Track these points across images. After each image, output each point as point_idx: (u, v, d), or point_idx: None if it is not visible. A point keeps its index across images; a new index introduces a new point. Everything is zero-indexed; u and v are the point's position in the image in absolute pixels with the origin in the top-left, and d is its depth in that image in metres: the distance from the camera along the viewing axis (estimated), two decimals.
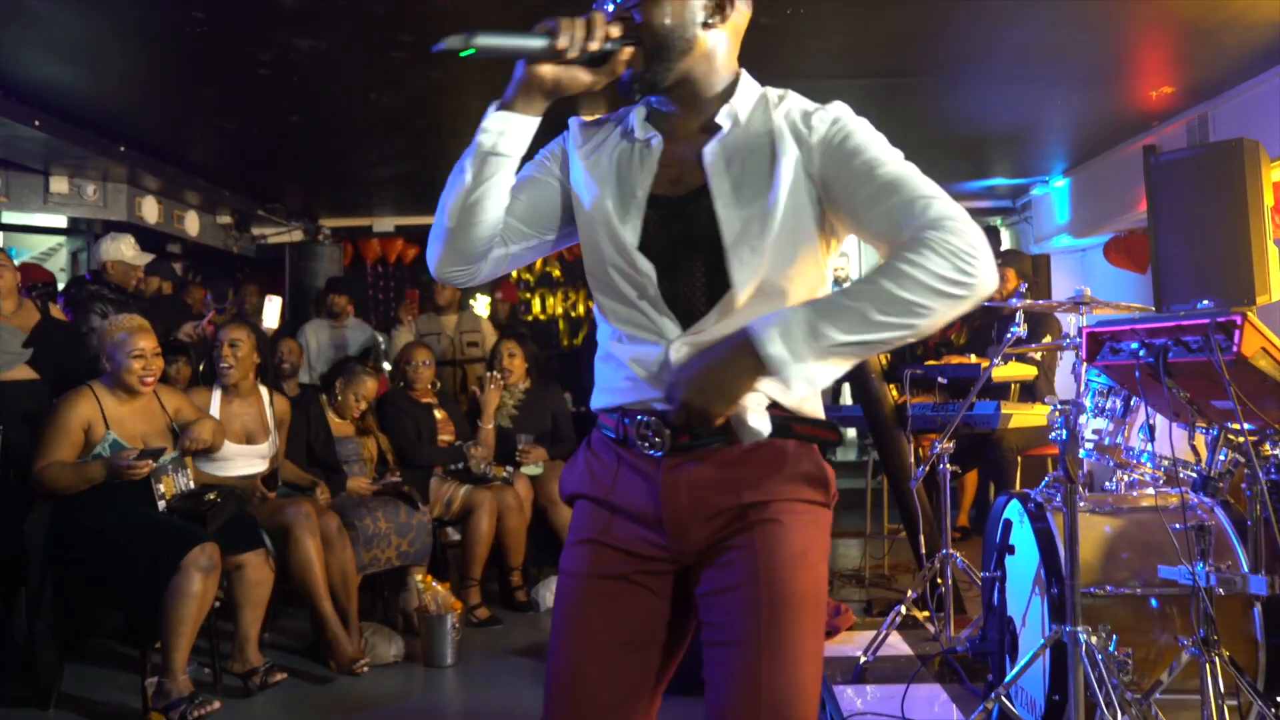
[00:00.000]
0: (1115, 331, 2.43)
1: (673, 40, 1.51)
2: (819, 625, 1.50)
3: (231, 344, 4.38)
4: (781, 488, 1.51)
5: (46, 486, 3.71)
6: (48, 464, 3.70)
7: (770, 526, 1.50)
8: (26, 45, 4.18)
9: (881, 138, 1.52)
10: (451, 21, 3.90)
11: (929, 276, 1.34)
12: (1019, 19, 4.02)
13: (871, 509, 5.68)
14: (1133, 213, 6.05)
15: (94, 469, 3.71)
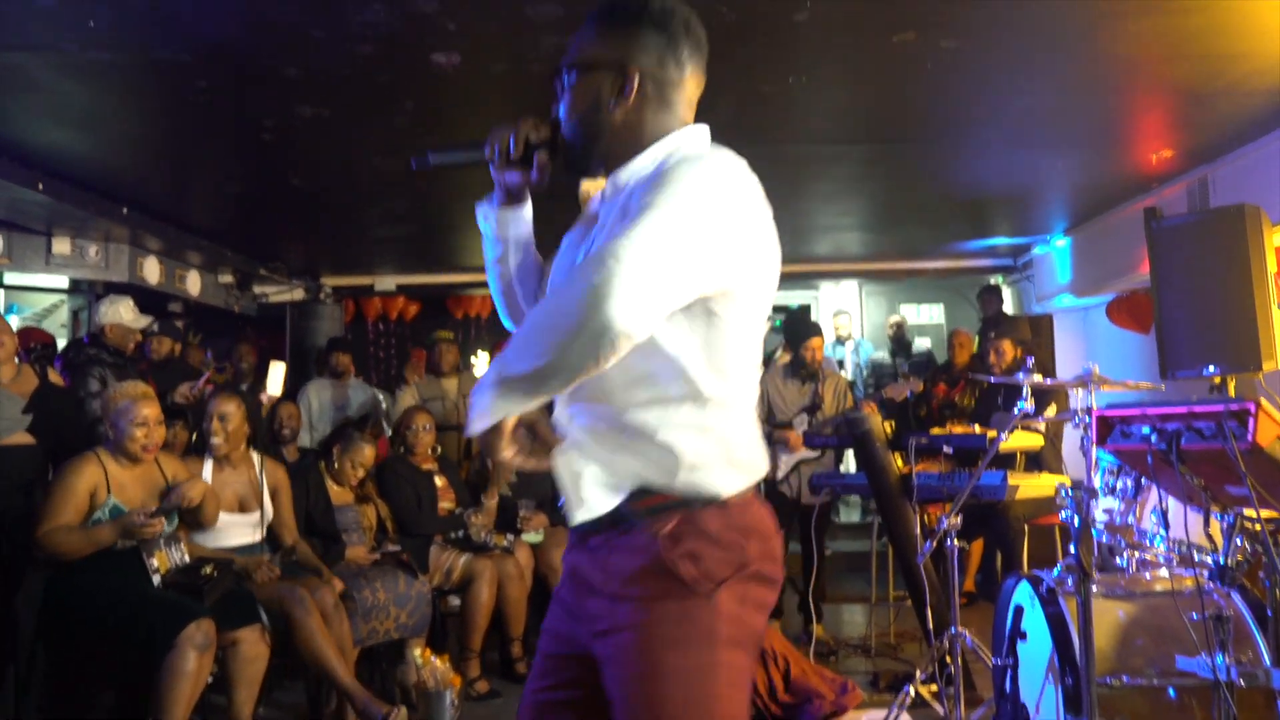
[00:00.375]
0: (1126, 415, 2.38)
1: (585, 129, 1.62)
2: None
3: (220, 417, 4.32)
4: (629, 586, 1.46)
5: (51, 551, 3.65)
6: (53, 528, 3.65)
7: (622, 636, 1.45)
8: (31, 112, 4.19)
9: (693, 201, 1.43)
10: (451, 89, 3.92)
11: (562, 302, 1.35)
12: (1019, 86, 4.02)
13: (877, 574, 5.59)
14: (1135, 273, 6.04)
15: (103, 531, 3.68)
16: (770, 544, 1.55)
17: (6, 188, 4.89)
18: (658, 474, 1.48)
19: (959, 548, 3.50)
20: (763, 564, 1.52)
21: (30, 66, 3.67)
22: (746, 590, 1.50)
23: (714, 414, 1.51)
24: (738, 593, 1.48)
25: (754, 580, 1.51)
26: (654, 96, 1.61)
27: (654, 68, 1.60)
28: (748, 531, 1.51)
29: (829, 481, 4.91)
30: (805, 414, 5.78)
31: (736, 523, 1.51)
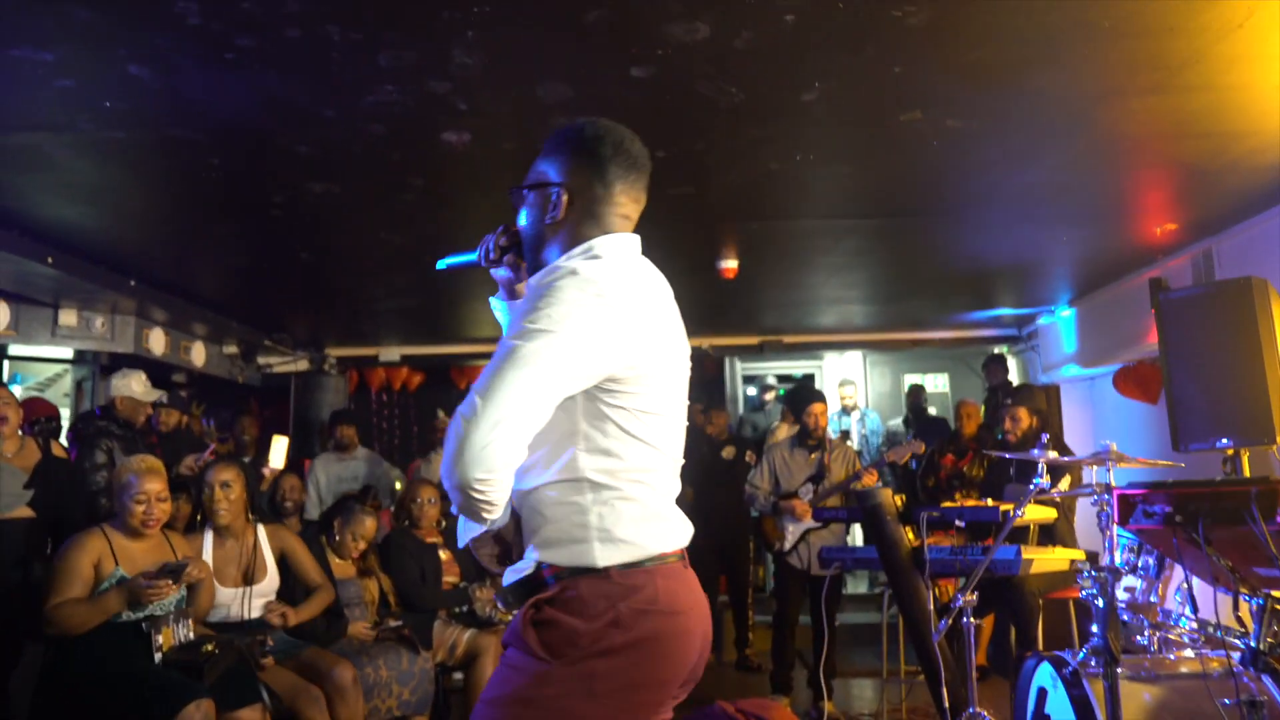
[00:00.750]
0: (1147, 494, 2.35)
1: (529, 239, 1.90)
2: None
3: (223, 485, 4.29)
4: (513, 637, 1.69)
5: (61, 626, 3.59)
6: (61, 602, 3.59)
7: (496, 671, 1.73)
8: (43, 188, 4.23)
9: (546, 312, 1.63)
10: (460, 167, 3.96)
11: (443, 465, 1.60)
12: (1024, 163, 4.06)
13: (887, 648, 5.49)
14: (1141, 344, 6.04)
15: (110, 599, 3.63)
16: (658, 615, 1.66)
17: (16, 261, 4.91)
18: (545, 548, 1.71)
19: (975, 625, 3.44)
20: (630, 634, 1.63)
21: (46, 145, 3.71)
22: (593, 667, 1.62)
23: (593, 495, 1.69)
24: (578, 670, 1.62)
25: (611, 655, 1.62)
26: (581, 211, 1.83)
27: (581, 187, 1.84)
28: (619, 600, 1.64)
29: (838, 556, 4.84)
30: (810, 483, 5.73)
31: (609, 592, 1.65)
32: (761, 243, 5.23)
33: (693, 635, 1.71)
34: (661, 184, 4.18)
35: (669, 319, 1.84)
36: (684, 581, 1.74)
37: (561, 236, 1.84)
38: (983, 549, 4.14)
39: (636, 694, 1.65)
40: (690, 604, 1.72)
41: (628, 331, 1.68)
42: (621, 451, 1.70)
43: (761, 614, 7.69)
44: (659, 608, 1.66)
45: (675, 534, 1.77)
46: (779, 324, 7.93)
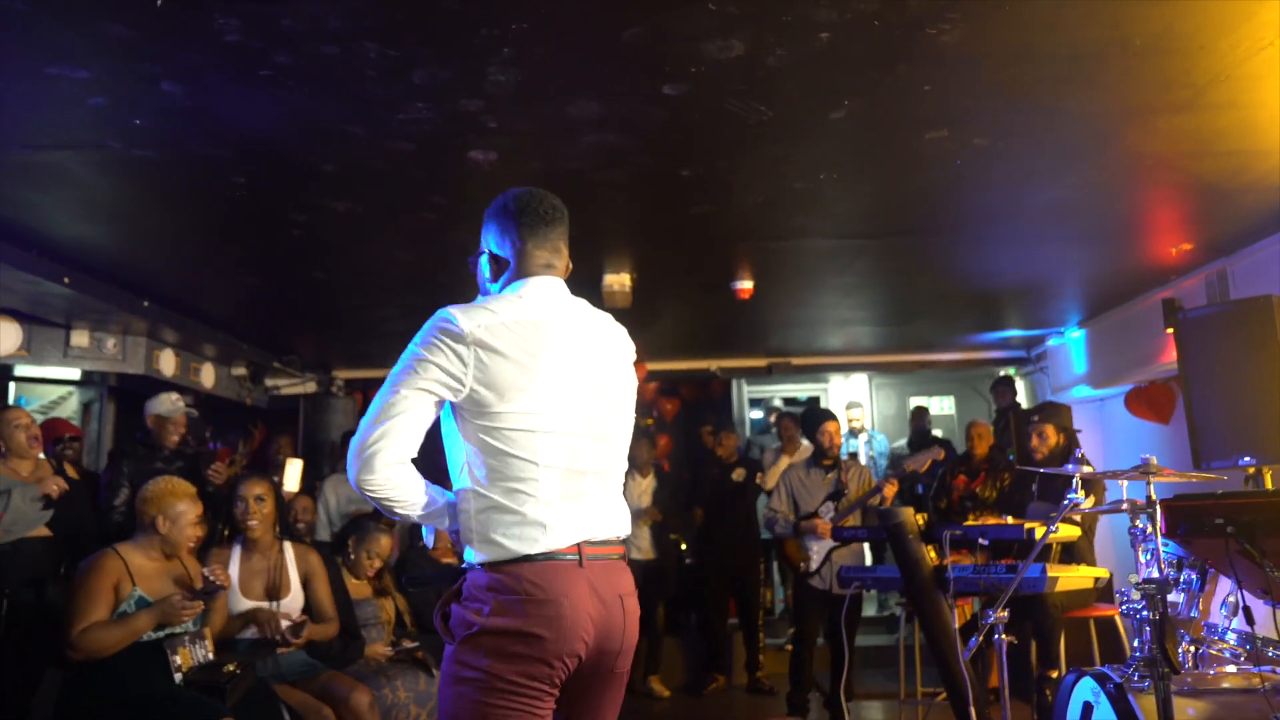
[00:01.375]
0: (1197, 506, 2.35)
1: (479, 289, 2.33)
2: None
3: (257, 498, 4.31)
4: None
5: (88, 650, 3.54)
6: (87, 627, 3.56)
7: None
8: (62, 208, 4.22)
9: (409, 352, 2.08)
10: (483, 185, 3.95)
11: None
12: (1046, 182, 4.08)
13: (905, 669, 5.46)
14: (1153, 364, 6.05)
15: (140, 620, 3.61)
16: (528, 603, 1.99)
17: (32, 281, 4.90)
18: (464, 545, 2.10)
19: (1007, 642, 3.43)
20: (502, 619, 1.98)
21: (71, 163, 3.71)
22: (479, 643, 1.99)
23: (475, 502, 2.05)
24: (469, 647, 2.00)
25: (489, 634, 1.98)
26: (498, 267, 2.26)
27: (501, 248, 2.27)
28: (496, 592, 2.00)
29: (859, 575, 4.82)
30: (830, 502, 5.72)
31: (486, 583, 2.01)
32: (777, 263, 5.24)
33: (565, 618, 1.99)
34: (683, 203, 4.24)
35: (571, 349, 2.13)
36: (560, 574, 2.02)
37: (490, 289, 2.28)
38: (1006, 567, 4.13)
39: (516, 663, 1.97)
40: (562, 592, 2.00)
41: (480, 362, 2.02)
42: (496, 465, 2.03)
43: (770, 637, 7.66)
44: (527, 597, 1.98)
45: (557, 536, 2.03)
46: (787, 346, 7.94)
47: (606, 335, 2.26)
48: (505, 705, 1.97)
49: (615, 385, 2.23)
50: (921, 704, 5.58)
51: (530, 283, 2.18)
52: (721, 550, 7.08)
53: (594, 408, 2.15)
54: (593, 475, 2.14)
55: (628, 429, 2.27)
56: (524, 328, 2.07)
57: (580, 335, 2.17)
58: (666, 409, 9.09)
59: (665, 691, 7.00)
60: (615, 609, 2.09)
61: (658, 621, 7.12)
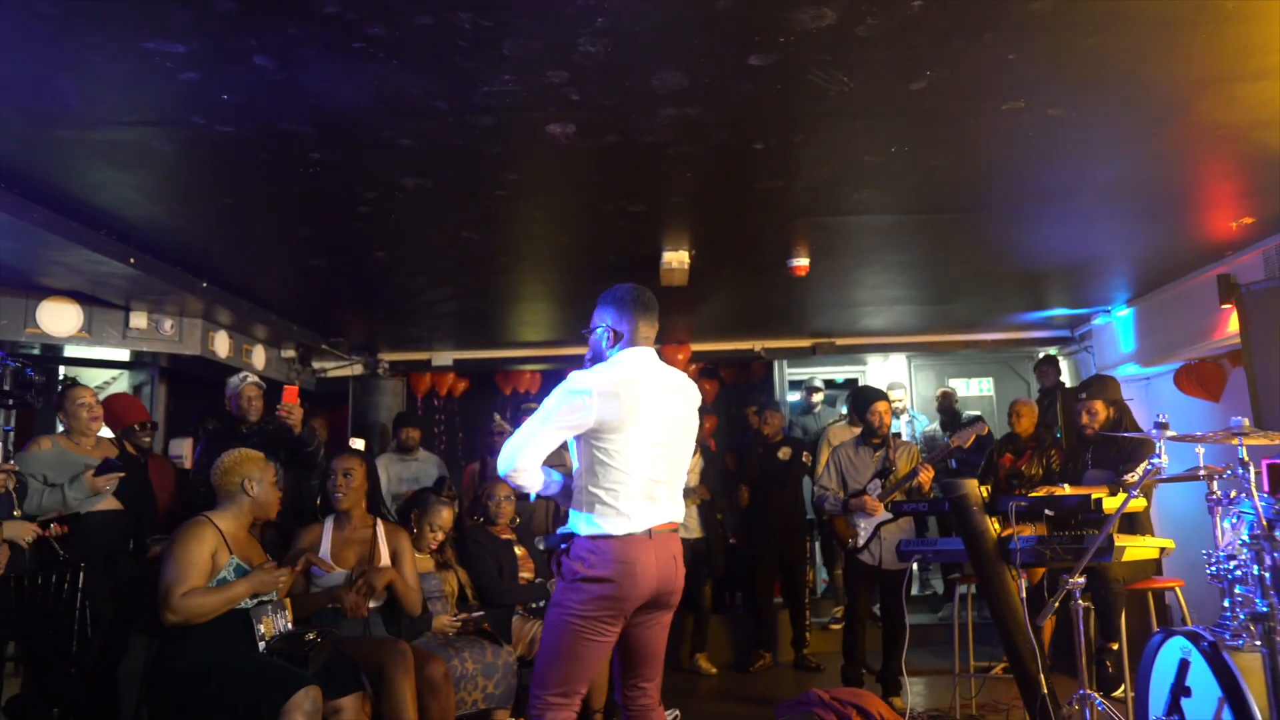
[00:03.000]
0: None
1: (596, 355, 3.27)
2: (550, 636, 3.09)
3: (345, 473, 4.43)
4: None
5: (187, 614, 3.64)
6: (189, 590, 3.64)
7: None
8: (137, 185, 4.28)
9: (552, 398, 3.09)
10: (557, 160, 4.01)
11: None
12: (1116, 154, 4.10)
13: (959, 644, 5.50)
14: (1205, 341, 6.06)
15: (238, 587, 3.73)
16: (614, 564, 3.00)
17: (98, 261, 4.98)
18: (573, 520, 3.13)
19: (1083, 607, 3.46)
20: (596, 570, 3.00)
21: (153, 140, 3.77)
22: (578, 586, 3.01)
23: (587, 495, 3.08)
24: (579, 587, 3.01)
25: (586, 580, 3.00)
26: (616, 338, 3.20)
27: (614, 324, 3.20)
28: (593, 554, 3.01)
29: (919, 549, 4.86)
30: (878, 479, 5.76)
31: (589, 549, 3.03)
32: (835, 240, 5.27)
33: (636, 574, 3.01)
34: (751, 178, 4.28)
35: (659, 394, 3.13)
36: (635, 546, 3.03)
37: (604, 354, 3.22)
38: (1071, 538, 4.16)
39: (600, 601, 2.99)
40: (635, 559, 3.02)
41: (603, 406, 3.01)
42: (603, 473, 3.05)
43: (814, 616, 7.70)
44: (613, 559, 3.00)
45: (635, 523, 3.04)
46: (831, 326, 7.97)
47: (682, 387, 3.27)
48: (587, 626, 3.00)
49: (684, 421, 3.24)
50: (975, 677, 5.64)
51: (638, 350, 3.18)
52: (768, 528, 7.13)
53: (669, 437, 3.14)
54: (664, 483, 3.14)
55: (689, 451, 3.28)
56: (634, 383, 3.06)
57: (666, 388, 3.17)
58: (707, 390, 9.13)
59: (712, 669, 7.06)
60: (669, 565, 3.13)
61: (705, 600, 7.18)
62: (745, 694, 6.55)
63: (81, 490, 4.50)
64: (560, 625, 3.03)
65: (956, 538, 4.63)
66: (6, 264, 5.04)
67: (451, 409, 9.48)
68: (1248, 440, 2.66)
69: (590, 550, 3.01)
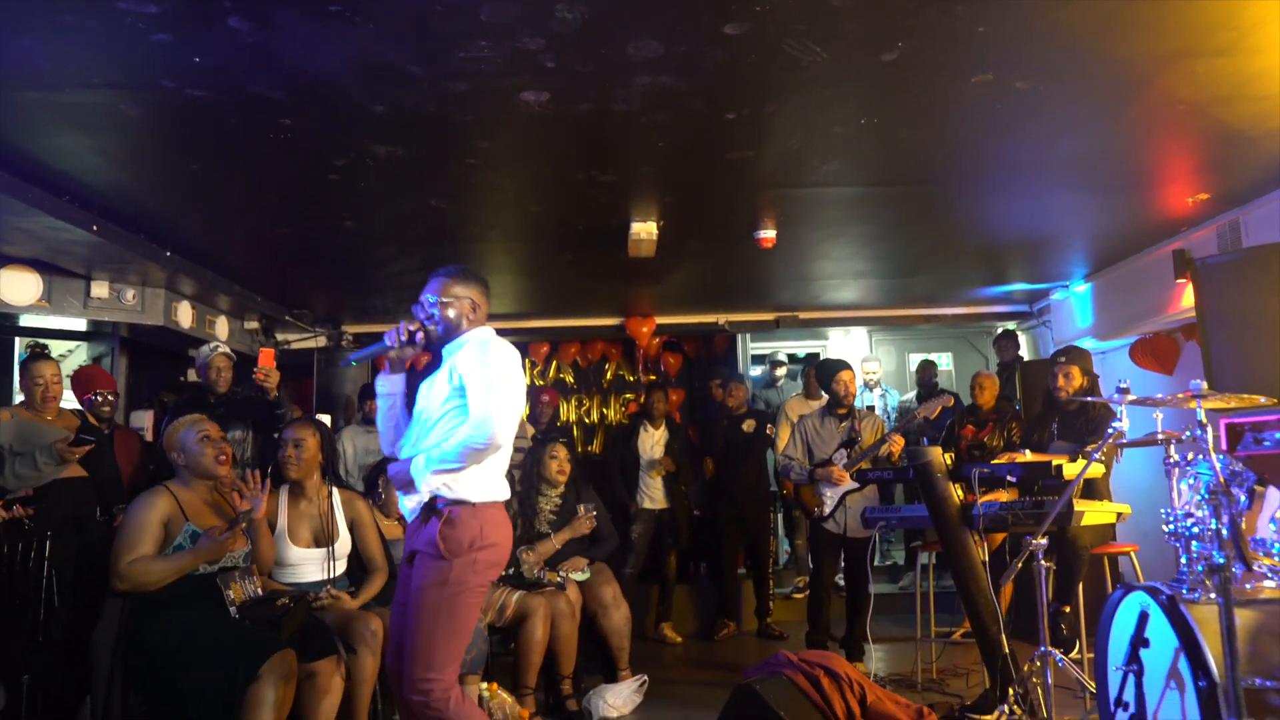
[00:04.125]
0: (1259, 422, 2.47)
1: (448, 330, 3.35)
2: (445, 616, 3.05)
3: (296, 443, 4.36)
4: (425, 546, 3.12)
5: (135, 581, 3.64)
6: (135, 559, 3.64)
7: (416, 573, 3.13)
8: (102, 151, 4.22)
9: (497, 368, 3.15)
10: (530, 128, 4.02)
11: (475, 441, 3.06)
12: (1079, 129, 4.17)
13: (921, 610, 5.62)
14: (1160, 315, 6.20)
15: (185, 556, 3.72)
16: (488, 532, 3.12)
17: (59, 229, 4.89)
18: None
19: (1046, 568, 3.57)
20: (485, 543, 3.10)
21: (120, 104, 3.72)
22: (474, 558, 3.07)
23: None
24: (466, 560, 3.05)
25: (479, 550, 3.08)
26: (479, 314, 3.37)
27: (477, 301, 3.36)
28: (477, 523, 3.09)
29: (884, 515, 4.96)
30: (844, 449, 5.85)
31: (475, 517, 3.10)
32: (802, 212, 5.33)
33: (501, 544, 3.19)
34: (722, 148, 4.32)
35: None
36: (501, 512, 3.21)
37: (469, 329, 3.33)
38: (1032, 503, 4.27)
39: (482, 575, 3.14)
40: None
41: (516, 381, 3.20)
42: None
43: (776, 586, 7.82)
44: (491, 526, 3.15)
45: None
46: (795, 300, 8.04)
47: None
48: (478, 596, 3.16)
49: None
50: (936, 642, 5.78)
51: (488, 328, 3.37)
52: (733, 500, 7.22)
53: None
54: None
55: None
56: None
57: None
58: (670, 364, 9.18)
59: (677, 638, 7.16)
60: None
61: (669, 570, 7.27)
62: (710, 661, 6.65)
63: (53, 458, 4.48)
64: (457, 601, 3.03)
65: (920, 505, 4.74)
66: None
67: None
68: (1206, 404, 2.76)
69: (473, 519, 3.08)
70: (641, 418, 7.37)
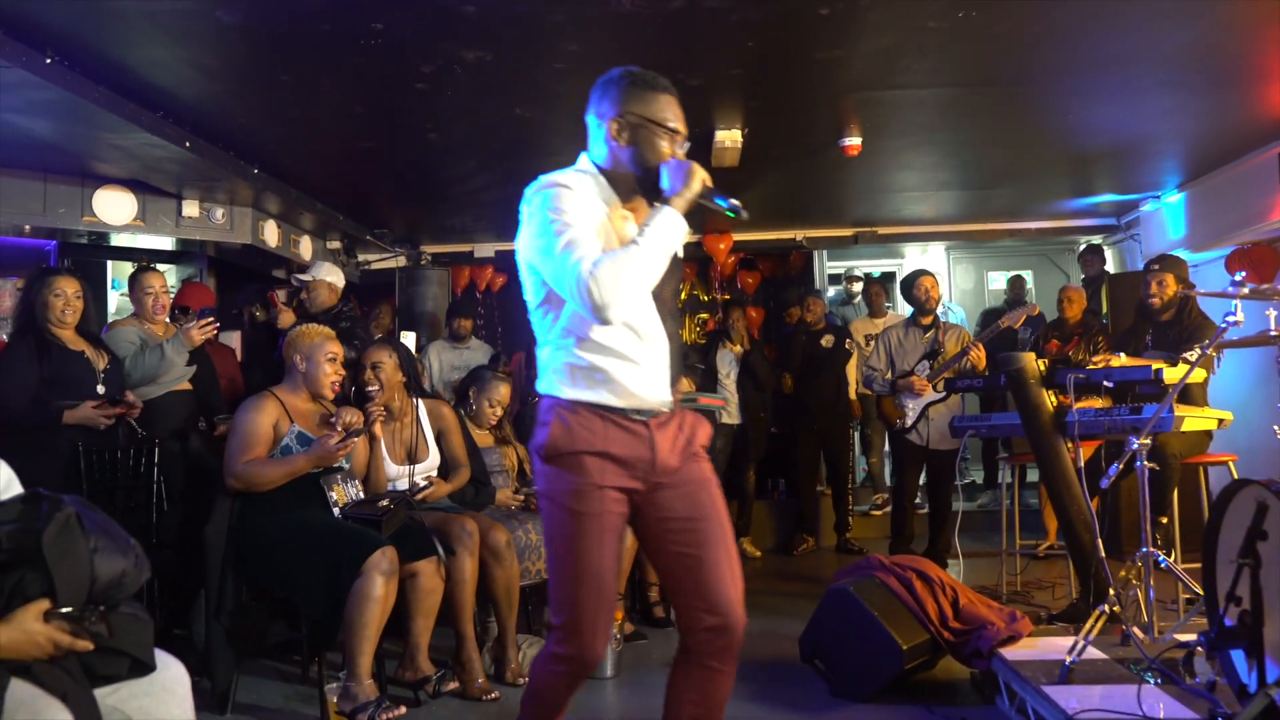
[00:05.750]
0: None
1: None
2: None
3: (373, 366, 4.39)
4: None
5: (249, 481, 3.76)
6: (250, 459, 3.76)
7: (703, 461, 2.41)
8: (192, 62, 4.27)
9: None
10: (619, 29, 3.96)
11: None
12: (1165, 23, 4.00)
13: (1006, 525, 5.59)
14: (1261, 223, 5.99)
15: (299, 459, 3.81)
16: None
17: (155, 145, 4.98)
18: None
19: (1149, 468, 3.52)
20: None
21: (214, 9, 3.73)
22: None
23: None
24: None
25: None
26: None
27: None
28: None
29: (973, 424, 4.92)
30: (926, 360, 5.80)
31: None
32: (889, 117, 5.22)
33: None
34: (811, 47, 4.22)
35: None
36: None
37: None
38: (1130, 409, 4.19)
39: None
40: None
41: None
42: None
43: (855, 504, 7.83)
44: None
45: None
46: (872, 215, 7.92)
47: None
48: None
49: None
50: (1022, 554, 5.75)
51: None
52: (811, 415, 7.21)
53: None
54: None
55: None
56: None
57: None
58: (747, 283, 9.13)
59: (756, 552, 7.23)
60: None
61: (748, 485, 7.31)
62: (791, 573, 6.72)
63: (181, 346, 4.64)
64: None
65: (1012, 413, 4.68)
66: (63, 148, 5.06)
67: (490, 302, 9.54)
68: None
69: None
70: (720, 336, 7.36)
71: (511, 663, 4.19)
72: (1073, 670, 3.30)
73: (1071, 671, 3.29)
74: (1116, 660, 3.48)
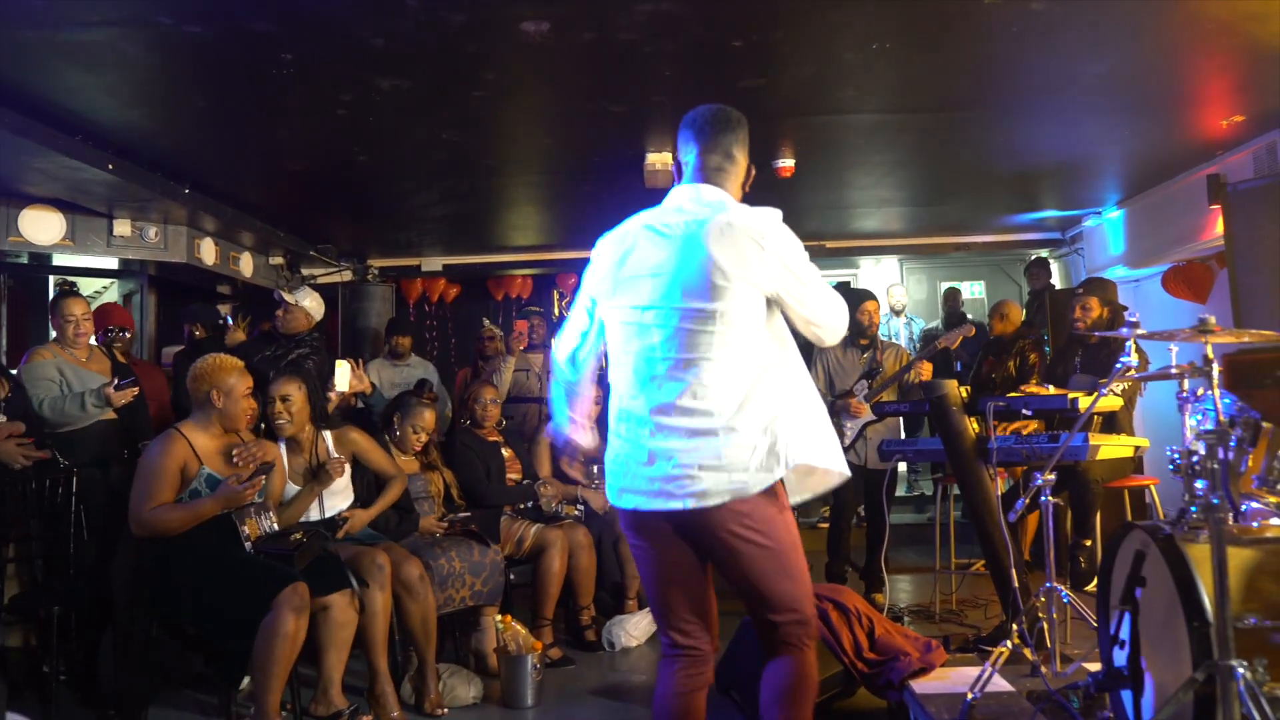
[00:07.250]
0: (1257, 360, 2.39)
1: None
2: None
3: (283, 398, 4.33)
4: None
5: (155, 529, 3.68)
6: (155, 507, 3.69)
7: None
8: (109, 89, 4.23)
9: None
10: (534, 59, 3.94)
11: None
12: (1100, 51, 4.02)
13: (940, 542, 5.60)
14: (1194, 242, 6.03)
15: (205, 504, 3.72)
16: None
17: (76, 168, 4.93)
18: None
19: (1054, 504, 3.53)
20: None
21: (120, 41, 3.71)
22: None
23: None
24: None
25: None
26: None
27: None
28: None
29: (900, 448, 4.92)
30: (865, 380, 5.80)
31: None
32: (820, 140, 5.21)
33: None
34: (733, 77, 4.21)
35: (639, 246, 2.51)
36: None
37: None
38: (1048, 437, 4.21)
39: None
40: None
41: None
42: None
43: (802, 517, 7.84)
44: None
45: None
46: (821, 229, 7.92)
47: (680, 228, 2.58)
48: None
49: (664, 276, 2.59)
50: (955, 573, 5.76)
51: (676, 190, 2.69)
52: None
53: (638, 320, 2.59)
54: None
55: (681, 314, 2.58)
56: (617, 233, 2.68)
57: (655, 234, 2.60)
58: None
59: None
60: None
61: None
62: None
63: (101, 401, 4.58)
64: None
65: (935, 438, 4.69)
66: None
67: (443, 314, 9.50)
68: (1213, 338, 2.68)
69: None
70: None
71: (431, 693, 4.16)
72: (973, 707, 3.30)
73: (972, 708, 3.29)
74: (1025, 692, 3.48)
